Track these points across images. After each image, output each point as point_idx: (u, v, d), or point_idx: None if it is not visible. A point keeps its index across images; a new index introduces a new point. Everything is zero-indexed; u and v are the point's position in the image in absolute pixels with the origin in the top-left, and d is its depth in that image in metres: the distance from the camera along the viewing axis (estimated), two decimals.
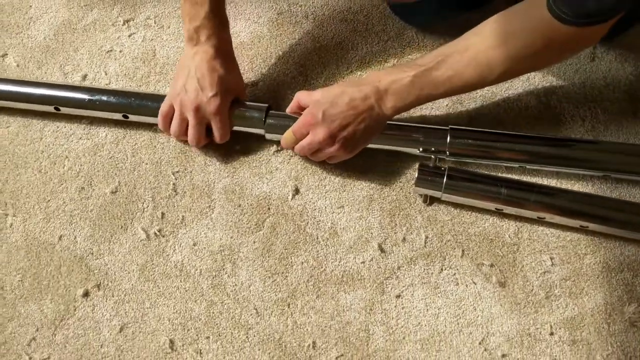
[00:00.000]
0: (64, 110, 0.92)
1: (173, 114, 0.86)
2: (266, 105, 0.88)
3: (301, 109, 0.84)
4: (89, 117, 0.94)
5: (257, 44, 0.98)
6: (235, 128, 0.88)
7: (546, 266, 0.81)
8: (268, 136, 0.88)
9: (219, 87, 0.83)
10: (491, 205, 0.82)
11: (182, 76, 0.84)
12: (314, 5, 1.00)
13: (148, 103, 0.90)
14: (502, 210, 0.82)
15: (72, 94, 0.91)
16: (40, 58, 1.00)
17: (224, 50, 0.85)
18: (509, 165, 0.86)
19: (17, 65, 0.99)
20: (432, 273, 0.82)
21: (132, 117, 0.91)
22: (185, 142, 0.89)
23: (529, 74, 0.91)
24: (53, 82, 0.96)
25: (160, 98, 0.89)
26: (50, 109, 0.93)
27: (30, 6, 1.04)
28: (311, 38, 0.98)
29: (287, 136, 0.85)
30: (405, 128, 0.86)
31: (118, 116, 0.92)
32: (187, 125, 0.86)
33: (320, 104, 0.80)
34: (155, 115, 0.88)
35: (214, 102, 0.83)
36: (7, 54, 1.00)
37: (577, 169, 0.85)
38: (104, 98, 0.91)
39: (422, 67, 0.77)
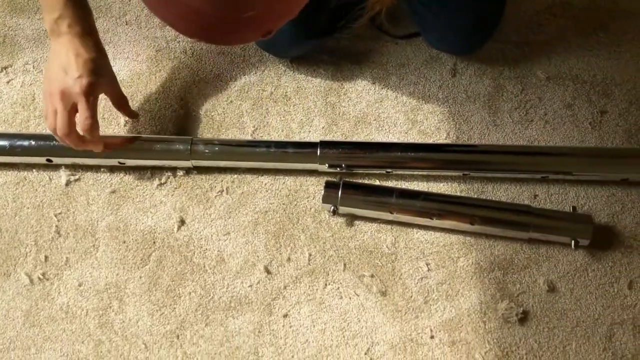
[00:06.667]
0: None
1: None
2: (190, 137, 0.89)
3: None
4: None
5: (136, 81, 0.99)
6: (160, 163, 0.90)
7: (423, 272, 0.85)
8: (194, 163, 0.89)
9: (84, 69, 0.80)
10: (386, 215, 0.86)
11: (49, 70, 0.81)
12: (192, 40, 1.02)
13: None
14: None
15: None
16: None
17: (88, 37, 0.82)
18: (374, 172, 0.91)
19: None
20: (317, 289, 0.84)
21: (56, 160, 0.91)
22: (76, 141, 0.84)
23: (397, 93, 0.96)
24: None
25: None
26: None
27: None
28: (190, 72, 1.00)
29: None
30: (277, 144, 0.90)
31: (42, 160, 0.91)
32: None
33: None
34: (79, 156, 0.88)
35: (79, 83, 0.79)
36: None
37: (441, 170, 0.90)
38: (25, 143, 0.89)
39: None
